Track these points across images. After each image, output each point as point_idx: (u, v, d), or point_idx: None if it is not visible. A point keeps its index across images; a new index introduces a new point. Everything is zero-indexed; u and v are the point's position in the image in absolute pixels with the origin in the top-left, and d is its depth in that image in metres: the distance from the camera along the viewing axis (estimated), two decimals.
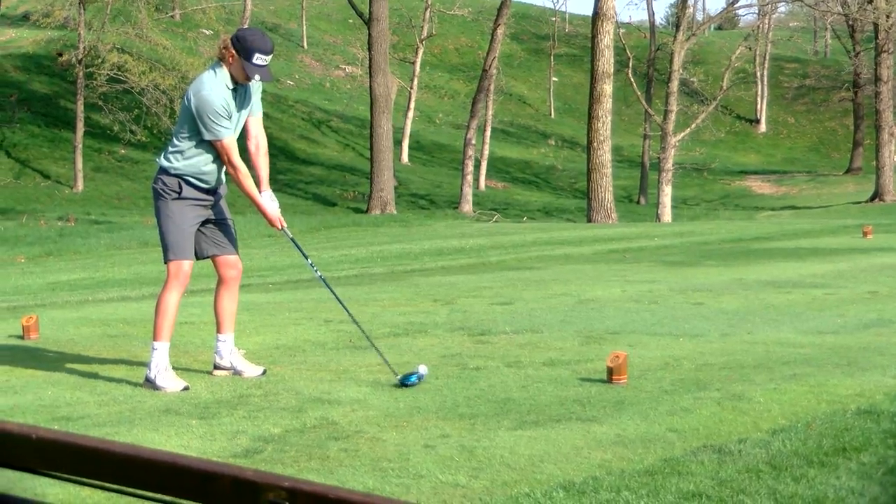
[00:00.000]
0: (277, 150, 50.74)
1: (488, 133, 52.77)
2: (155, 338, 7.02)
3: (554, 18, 76.68)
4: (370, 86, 37.37)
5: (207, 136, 7.00)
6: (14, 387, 6.97)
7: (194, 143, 7.09)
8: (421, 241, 22.97)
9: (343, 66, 70.50)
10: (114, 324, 9.60)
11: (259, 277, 15.35)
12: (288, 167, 48.87)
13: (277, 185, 45.01)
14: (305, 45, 71.63)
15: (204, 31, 61.96)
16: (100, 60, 41.54)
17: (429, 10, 56.99)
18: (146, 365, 7.07)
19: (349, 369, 7.44)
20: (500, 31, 41.01)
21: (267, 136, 7.99)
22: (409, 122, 54.85)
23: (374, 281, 13.83)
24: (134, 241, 25.31)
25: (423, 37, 57.23)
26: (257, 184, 7.43)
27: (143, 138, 44.17)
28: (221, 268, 7.42)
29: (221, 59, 7.11)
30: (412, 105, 55.69)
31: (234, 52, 7.03)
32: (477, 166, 46.86)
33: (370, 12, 36.85)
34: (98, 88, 42.44)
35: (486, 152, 52.05)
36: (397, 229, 29.26)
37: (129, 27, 44.56)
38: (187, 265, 7.23)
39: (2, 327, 9.49)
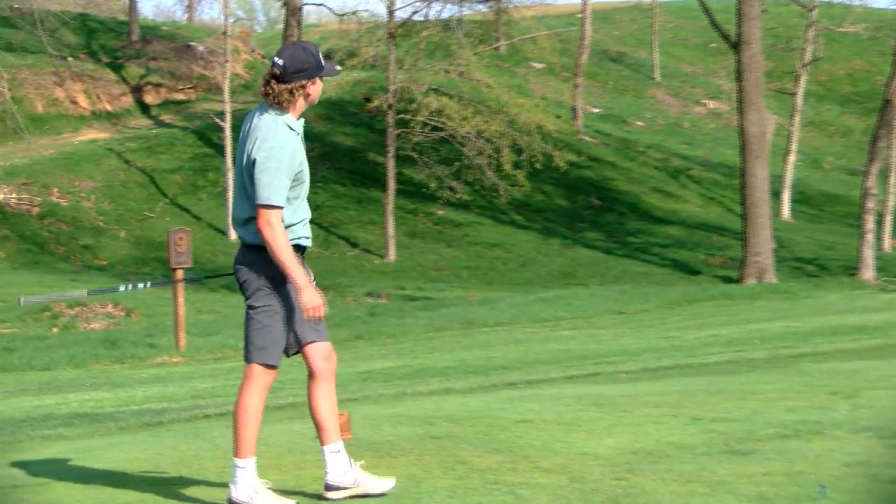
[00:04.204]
0: (626, 207, 50.98)
1: (893, 179, 51.25)
2: (240, 454, 7.08)
3: None
4: (740, 124, 37.10)
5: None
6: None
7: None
8: (810, 318, 22.48)
9: (705, 101, 70.33)
10: (437, 422, 9.81)
11: (609, 364, 15.39)
12: (639, 228, 48.99)
13: (627, 249, 45.23)
14: (658, 76, 71.94)
15: (535, 64, 63.30)
16: (414, 105, 42.87)
17: (812, 28, 56.11)
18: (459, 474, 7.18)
19: (726, 480, 7.33)
20: None
21: (613, 189, 7.99)
22: (789, 167, 54.02)
23: (752, 368, 13.62)
24: (456, 320, 25.90)
25: (805, 61, 56.36)
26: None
27: (465, 196, 45.36)
28: (316, 358, 7.33)
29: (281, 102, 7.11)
30: (793, 147, 54.86)
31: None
32: (879, 222, 45.57)
33: (738, 34, 36.66)
34: (411, 138, 43.82)
35: (892, 204, 50.55)
36: (779, 303, 28.75)
37: (448, 64, 45.84)
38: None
39: (310, 427, 9.86)
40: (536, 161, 43.91)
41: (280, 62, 6.96)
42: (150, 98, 57.28)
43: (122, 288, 13.61)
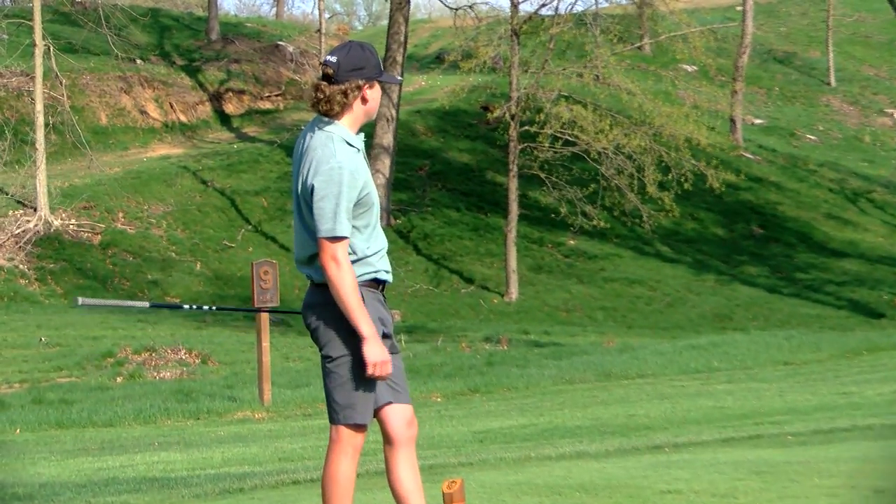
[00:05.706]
0: (794, 237, 50.56)
1: None
2: None
3: None
4: None
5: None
6: None
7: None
8: None
9: (890, 111, 69.62)
10: (567, 492, 9.80)
11: (773, 425, 15.26)
12: (810, 261, 48.54)
13: (795, 287, 44.83)
14: (833, 81, 71.33)
15: (685, 66, 63.09)
16: (541, 115, 42.79)
17: None
18: None
19: None
20: None
21: (779, 215, 7.89)
22: None
23: None
24: (591, 371, 25.83)
25: None
26: None
27: (601, 223, 45.20)
28: (395, 422, 7.23)
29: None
30: None
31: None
32: None
33: None
34: (538, 154, 43.71)
35: None
36: None
37: (582, 66, 45.71)
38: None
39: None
40: (686, 182, 43.61)
41: (333, 59, 6.90)
42: (231, 107, 57.77)
43: (185, 307, 13.70)
